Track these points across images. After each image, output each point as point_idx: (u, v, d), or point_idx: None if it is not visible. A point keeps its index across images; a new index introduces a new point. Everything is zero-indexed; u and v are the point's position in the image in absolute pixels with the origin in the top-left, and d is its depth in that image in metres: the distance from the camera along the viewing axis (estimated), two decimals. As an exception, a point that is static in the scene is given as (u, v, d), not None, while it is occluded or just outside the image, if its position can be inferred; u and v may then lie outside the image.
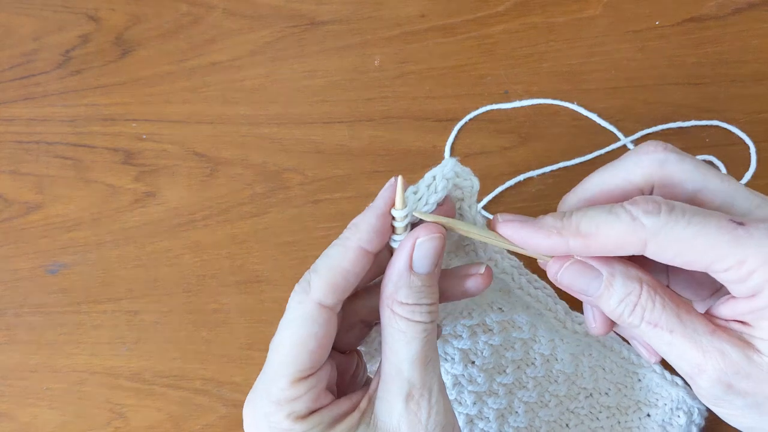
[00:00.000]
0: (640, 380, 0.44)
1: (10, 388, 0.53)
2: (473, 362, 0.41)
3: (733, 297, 0.31)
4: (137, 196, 0.57)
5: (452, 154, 0.55)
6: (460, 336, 0.40)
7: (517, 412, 0.42)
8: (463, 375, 0.41)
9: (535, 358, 0.42)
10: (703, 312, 0.32)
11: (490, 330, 0.40)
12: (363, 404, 0.33)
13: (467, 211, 0.35)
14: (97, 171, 0.58)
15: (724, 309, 0.32)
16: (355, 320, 0.36)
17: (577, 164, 0.54)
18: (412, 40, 0.59)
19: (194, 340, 0.53)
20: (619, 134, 0.54)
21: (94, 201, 0.57)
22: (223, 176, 0.56)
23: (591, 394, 0.43)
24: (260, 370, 0.51)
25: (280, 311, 0.52)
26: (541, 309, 0.41)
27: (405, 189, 0.33)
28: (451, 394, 0.41)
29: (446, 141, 0.55)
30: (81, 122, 0.59)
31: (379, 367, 0.33)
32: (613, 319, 0.33)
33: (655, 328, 0.31)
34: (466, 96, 0.56)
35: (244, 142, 0.57)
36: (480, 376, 0.41)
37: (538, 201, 0.53)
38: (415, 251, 0.32)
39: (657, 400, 0.44)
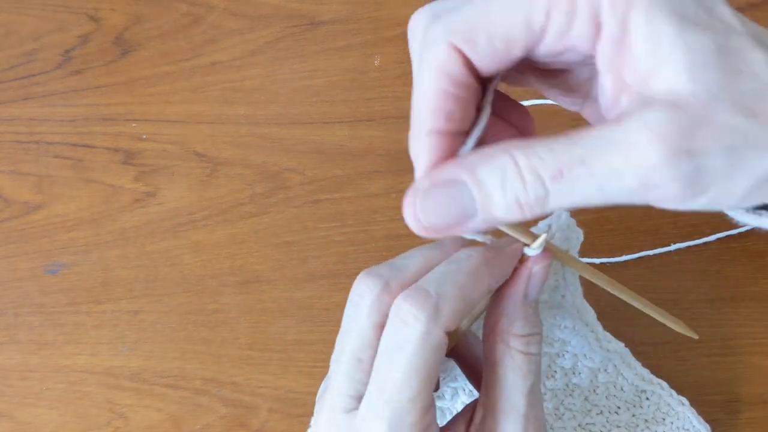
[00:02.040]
0: (648, 399, 0.44)
1: (10, 388, 0.53)
2: None
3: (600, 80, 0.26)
4: (137, 196, 0.57)
5: (452, 154, 0.55)
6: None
7: None
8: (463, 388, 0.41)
9: (555, 371, 0.42)
10: None
11: None
12: None
13: (569, 276, 0.37)
14: (97, 171, 0.58)
15: (605, 100, 0.26)
16: None
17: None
18: (412, 40, 0.59)
19: (194, 340, 0.53)
20: (619, 134, 0.54)
21: (94, 201, 0.57)
22: (223, 176, 0.56)
23: (602, 411, 0.44)
24: (260, 369, 0.51)
25: (280, 311, 0.53)
26: (585, 332, 0.41)
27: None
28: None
29: (446, 141, 0.55)
30: (81, 122, 0.59)
31: (483, 398, 0.32)
32: (522, 218, 0.25)
33: (562, 177, 0.23)
34: (466, 96, 0.56)
35: (244, 142, 0.57)
36: None
37: (538, 201, 0.53)
38: (530, 281, 0.31)
39: (664, 418, 0.44)
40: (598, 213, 0.53)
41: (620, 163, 0.23)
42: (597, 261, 0.50)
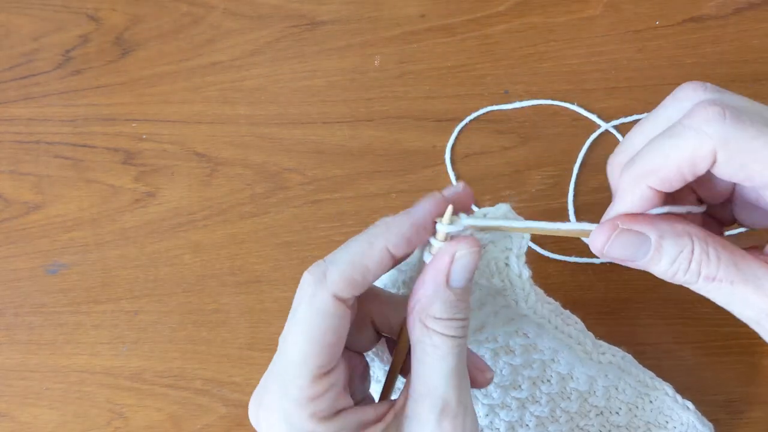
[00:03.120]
0: (651, 402, 0.44)
1: (10, 388, 0.53)
2: None
3: None
4: (137, 196, 0.57)
5: (452, 154, 0.55)
6: (482, 357, 0.40)
7: (527, 425, 0.43)
8: (480, 391, 0.41)
9: (551, 376, 0.42)
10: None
11: (512, 352, 0.40)
12: (389, 417, 0.32)
13: (514, 262, 0.34)
14: (97, 171, 0.58)
15: None
16: (366, 321, 0.35)
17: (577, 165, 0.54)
18: (412, 40, 0.59)
19: (194, 340, 0.53)
20: (619, 135, 0.54)
21: (94, 201, 0.57)
22: (223, 176, 0.56)
23: (602, 413, 0.44)
24: (260, 369, 0.51)
25: (280, 311, 0.53)
26: (571, 343, 0.41)
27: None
28: None
29: (446, 141, 0.55)
30: (81, 122, 0.59)
31: (407, 383, 0.32)
32: (667, 280, 0.31)
33: (713, 282, 0.30)
34: (466, 96, 0.56)
35: (244, 142, 0.57)
36: (496, 391, 0.41)
37: (538, 201, 0.53)
38: (453, 266, 0.31)
39: (667, 422, 0.44)
40: (598, 213, 0.53)
41: (752, 298, 0.29)
42: (597, 261, 0.50)
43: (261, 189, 0.56)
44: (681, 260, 0.30)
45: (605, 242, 0.31)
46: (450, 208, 0.31)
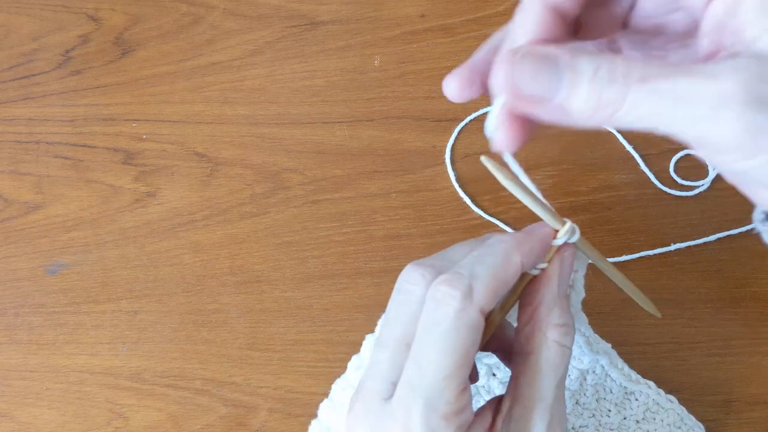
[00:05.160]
0: (637, 399, 0.44)
1: (10, 388, 0.53)
2: (494, 374, 0.41)
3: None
4: (137, 196, 0.57)
5: (452, 154, 0.55)
6: (490, 354, 0.40)
7: None
8: (483, 386, 0.42)
9: None
10: None
11: None
12: (498, 425, 0.32)
13: (578, 281, 0.36)
14: (97, 171, 0.58)
15: (702, 45, 0.27)
16: None
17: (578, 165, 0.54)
18: (412, 40, 0.59)
19: (194, 340, 0.53)
20: (618, 135, 0.54)
21: (94, 201, 0.57)
22: (223, 176, 0.56)
23: (594, 415, 0.44)
24: (260, 369, 0.51)
25: (280, 311, 0.53)
26: (577, 337, 0.41)
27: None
28: None
29: (446, 141, 0.55)
30: (81, 122, 0.59)
31: (512, 389, 0.32)
32: (589, 119, 0.25)
33: (648, 83, 0.24)
34: (466, 96, 0.56)
35: (244, 142, 0.57)
36: (498, 387, 0.42)
37: (538, 201, 0.53)
38: (561, 272, 0.32)
39: (654, 417, 0.44)
40: (598, 213, 0.53)
41: (699, 87, 0.23)
42: (597, 261, 0.50)
43: (261, 189, 0.56)
44: (602, 75, 0.24)
45: (506, 70, 0.26)
46: (565, 232, 0.32)
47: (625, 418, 0.44)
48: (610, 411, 0.44)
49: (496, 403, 0.33)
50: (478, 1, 0.59)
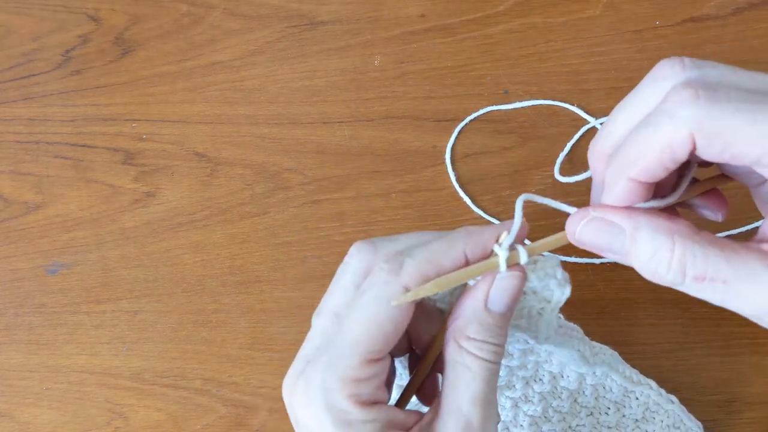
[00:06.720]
0: (637, 398, 0.44)
1: (10, 388, 0.53)
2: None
3: None
4: (137, 196, 0.57)
5: (452, 154, 0.55)
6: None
7: (521, 425, 0.43)
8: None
9: (543, 375, 0.42)
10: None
11: (510, 355, 0.40)
12: (415, 431, 0.31)
13: (548, 315, 0.34)
14: (97, 171, 0.58)
15: None
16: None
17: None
18: (412, 40, 0.59)
19: (194, 340, 0.53)
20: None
21: (94, 201, 0.57)
22: (223, 176, 0.56)
23: (591, 413, 0.44)
24: (261, 369, 0.51)
25: (280, 311, 0.53)
26: (570, 351, 0.41)
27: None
28: None
29: (446, 141, 0.55)
30: (81, 122, 0.59)
31: (436, 399, 0.32)
32: (652, 279, 0.29)
33: (703, 282, 0.28)
34: (466, 96, 0.56)
35: (244, 142, 0.57)
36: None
37: (538, 201, 0.53)
38: (492, 288, 0.31)
39: (654, 417, 0.44)
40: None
41: (749, 295, 0.28)
42: (597, 261, 0.50)
43: (261, 189, 0.56)
44: (660, 258, 0.28)
45: (576, 225, 0.31)
46: (505, 233, 0.31)
47: (624, 416, 0.44)
48: (608, 409, 0.44)
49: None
50: (478, 1, 0.59)
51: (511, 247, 0.31)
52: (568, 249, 0.51)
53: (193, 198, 0.56)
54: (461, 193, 0.54)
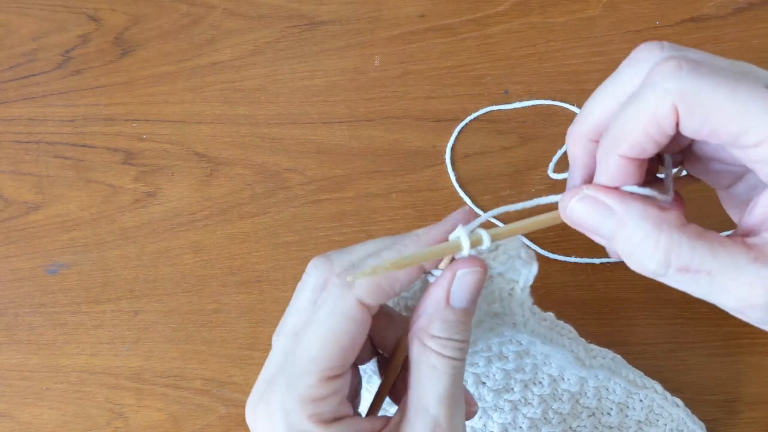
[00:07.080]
0: (641, 401, 0.44)
1: (10, 388, 0.53)
2: (484, 383, 0.41)
3: (762, 195, 0.28)
4: (137, 196, 0.57)
5: (452, 154, 0.55)
6: (477, 364, 0.40)
7: (520, 427, 0.43)
8: (473, 394, 0.41)
9: (543, 378, 0.42)
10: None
11: (505, 358, 0.40)
12: None
13: (518, 293, 0.34)
14: (97, 171, 0.58)
15: (755, 214, 0.28)
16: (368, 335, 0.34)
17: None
18: (412, 40, 0.59)
19: (194, 340, 0.53)
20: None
21: (94, 201, 0.57)
22: (223, 176, 0.56)
23: (593, 414, 0.44)
24: (260, 369, 0.51)
25: (280, 311, 0.52)
26: (564, 352, 0.41)
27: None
28: None
29: (446, 141, 0.55)
30: (81, 122, 0.59)
31: (403, 400, 0.32)
32: (635, 269, 0.29)
33: (687, 273, 0.27)
34: (466, 96, 0.56)
35: (244, 142, 0.57)
36: (489, 395, 0.41)
37: (538, 201, 0.53)
38: (453, 284, 0.31)
39: (657, 419, 0.44)
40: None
41: (733, 289, 0.27)
42: (597, 261, 0.50)
43: (261, 189, 0.56)
44: (645, 246, 0.28)
45: (568, 201, 0.30)
46: (460, 227, 0.31)
47: (627, 417, 0.44)
48: (611, 410, 0.44)
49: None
50: (478, 1, 0.59)
51: (473, 233, 0.31)
52: (569, 250, 0.51)
53: (193, 198, 0.56)
54: (461, 193, 0.54)
